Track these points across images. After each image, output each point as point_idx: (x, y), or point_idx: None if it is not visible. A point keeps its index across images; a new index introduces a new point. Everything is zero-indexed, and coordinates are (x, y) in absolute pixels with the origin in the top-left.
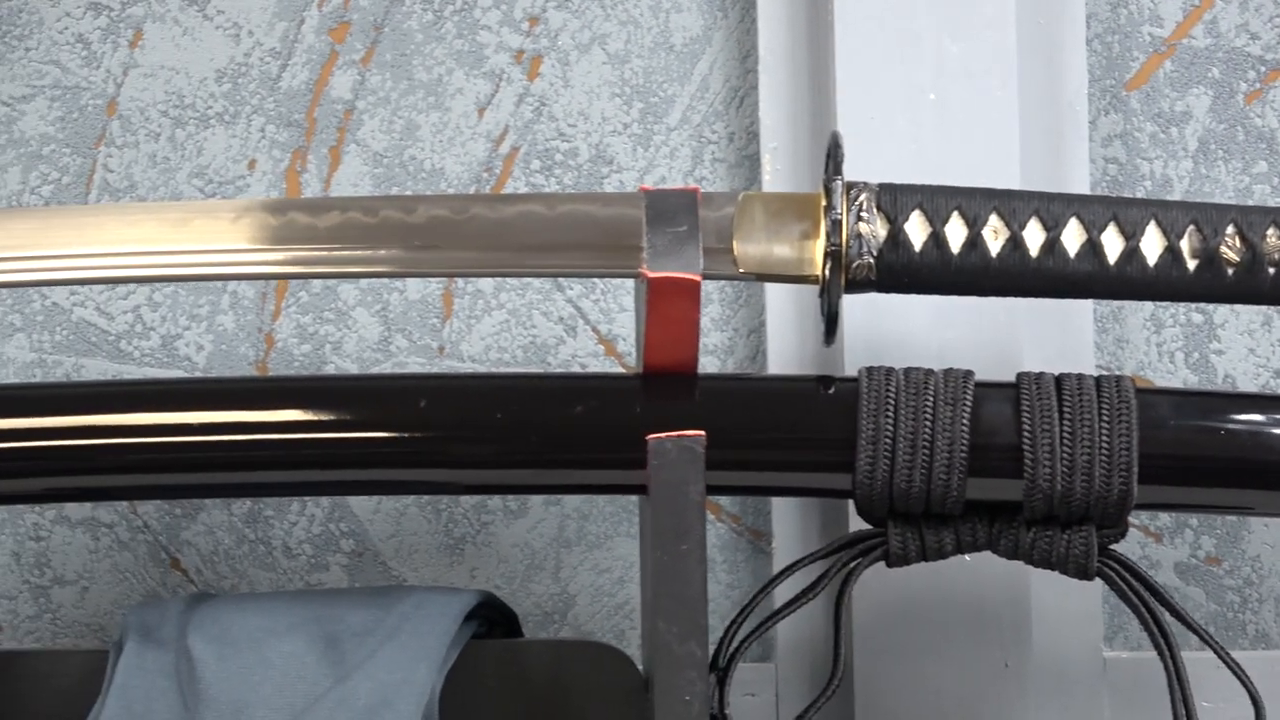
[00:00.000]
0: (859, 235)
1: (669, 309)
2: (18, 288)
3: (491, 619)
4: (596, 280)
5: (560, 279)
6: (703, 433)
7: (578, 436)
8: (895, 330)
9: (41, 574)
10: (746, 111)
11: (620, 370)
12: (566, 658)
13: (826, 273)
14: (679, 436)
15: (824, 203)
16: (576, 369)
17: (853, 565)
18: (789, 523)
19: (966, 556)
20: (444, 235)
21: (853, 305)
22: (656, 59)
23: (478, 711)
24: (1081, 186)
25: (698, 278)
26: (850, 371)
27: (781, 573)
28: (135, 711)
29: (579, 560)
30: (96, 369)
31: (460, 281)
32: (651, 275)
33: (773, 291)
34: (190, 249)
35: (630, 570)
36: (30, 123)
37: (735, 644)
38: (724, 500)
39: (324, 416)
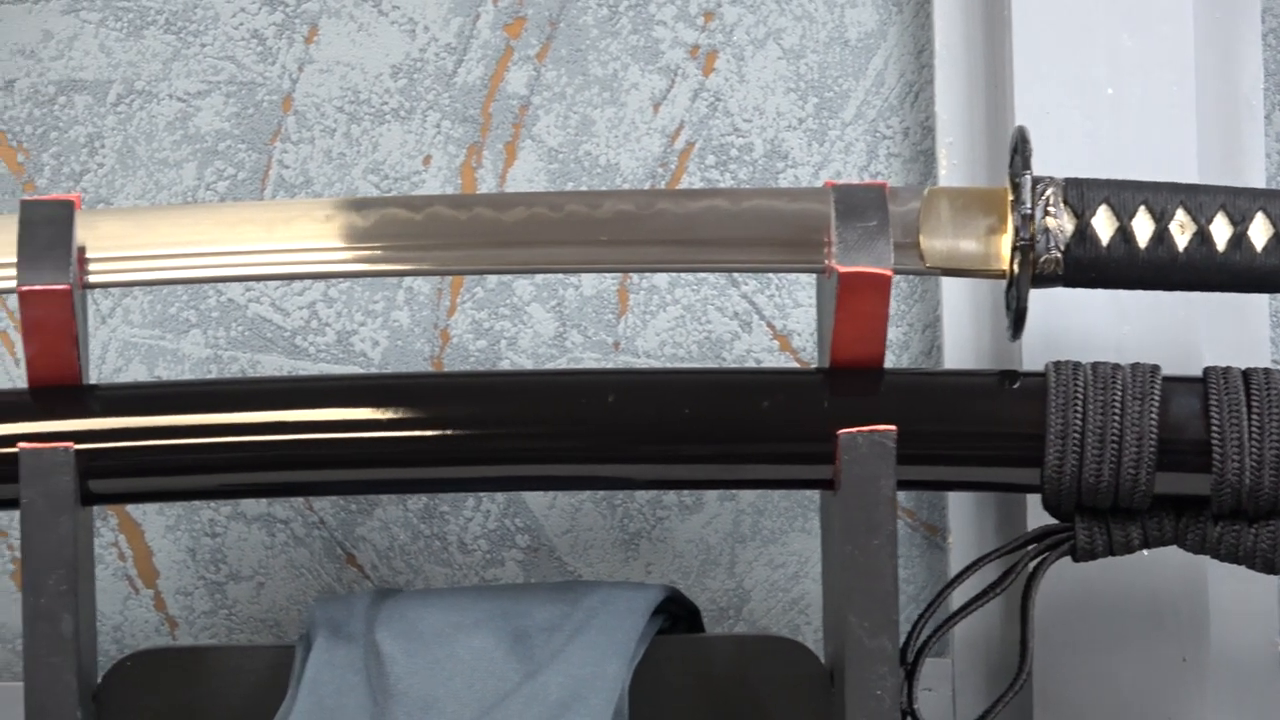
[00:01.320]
0: (1046, 230)
1: (859, 304)
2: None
3: (675, 614)
4: (771, 275)
5: (736, 274)
6: (894, 427)
7: (765, 431)
8: (1073, 325)
9: (217, 570)
10: (921, 106)
11: (796, 365)
12: (750, 652)
13: (1015, 267)
14: (870, 431)
15: (1011, 197)
16: (751, 364)
17: (1040, 560)
18: (965, 518)
19: (1145, 551)
20: (629, 230)
21: (1029, 300)
22: (831, 54)
23: (663, 706)
24: (1257, 180)
25: (889, 273)
26: (1027, 366)
27: (970, 566)
28: (326, 706)
29: (754, 555)
30: (272, 365)
31: (635, 277)
32: (843, 270)
33: (948, 286)
34: (370, 245)
35: (805, 565)
36: (206, 118)
37: (922, 639)
38: (900, 495)
39: (506, 412)
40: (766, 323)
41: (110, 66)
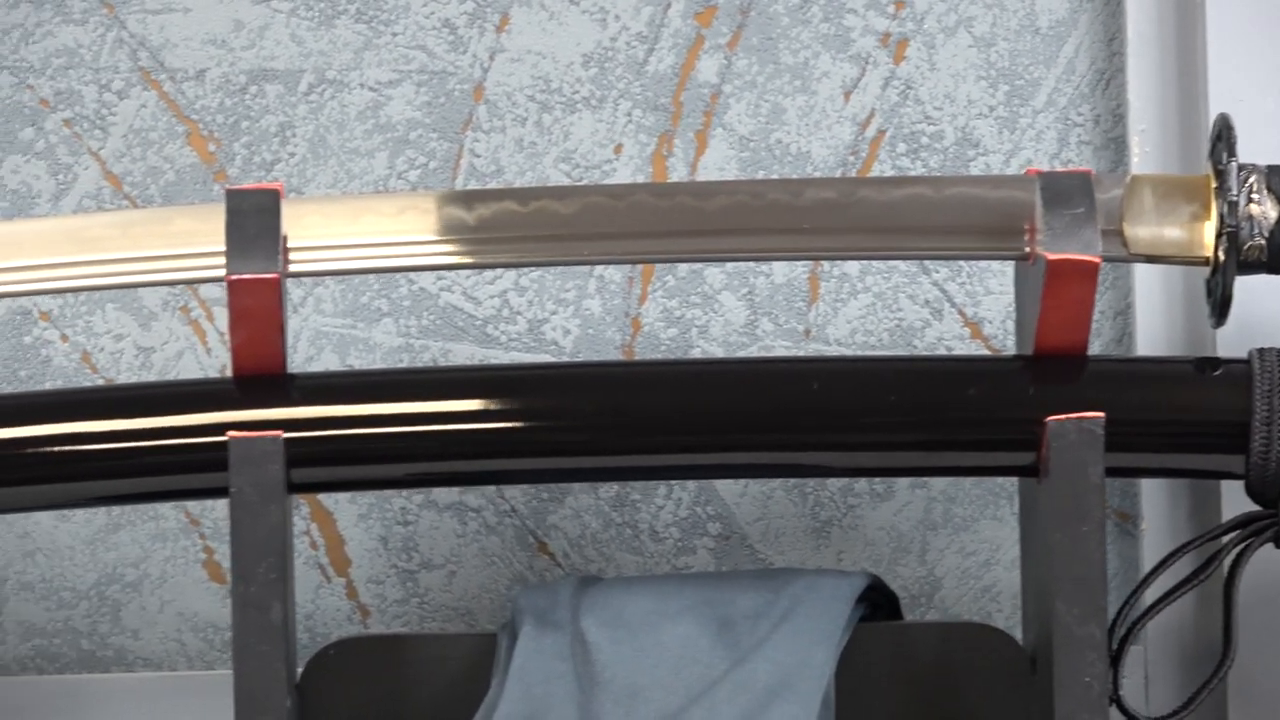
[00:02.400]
0: (1250, 217)
1: (1066, 291)
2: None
3: (875, 601)
4: (963, 263)
5: (927, 262)
6: (1102, 414)
7: (969, 418)
8: (1265, 311)
9: (409, 558)
10: (1113, 94)
11: (987, 353)
12: (951, 639)
13: (1220, 254)
14: (1079, 418)
15: (1214, 184)
16: (942, 352)
17: (1244, 546)
18: (1158, 505)
19: None
20: (831, 218)
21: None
22: (1022, 41)
23: (866, 693)
24: None
25: (1097, 259)
26: (1221, 353)
27: (1175, 552)
28: (534, 694)
29: (945, 543)
30: (464, 354)
31: (827, 264)
32: (1051, 257)
33: (1140, 273)
34: (570, 233)
35: (997, 553)
36: (397, 108)
37: (1126, 626)
38: None
39: (704, 400)
40: (958, 310)
41: (301, 56)
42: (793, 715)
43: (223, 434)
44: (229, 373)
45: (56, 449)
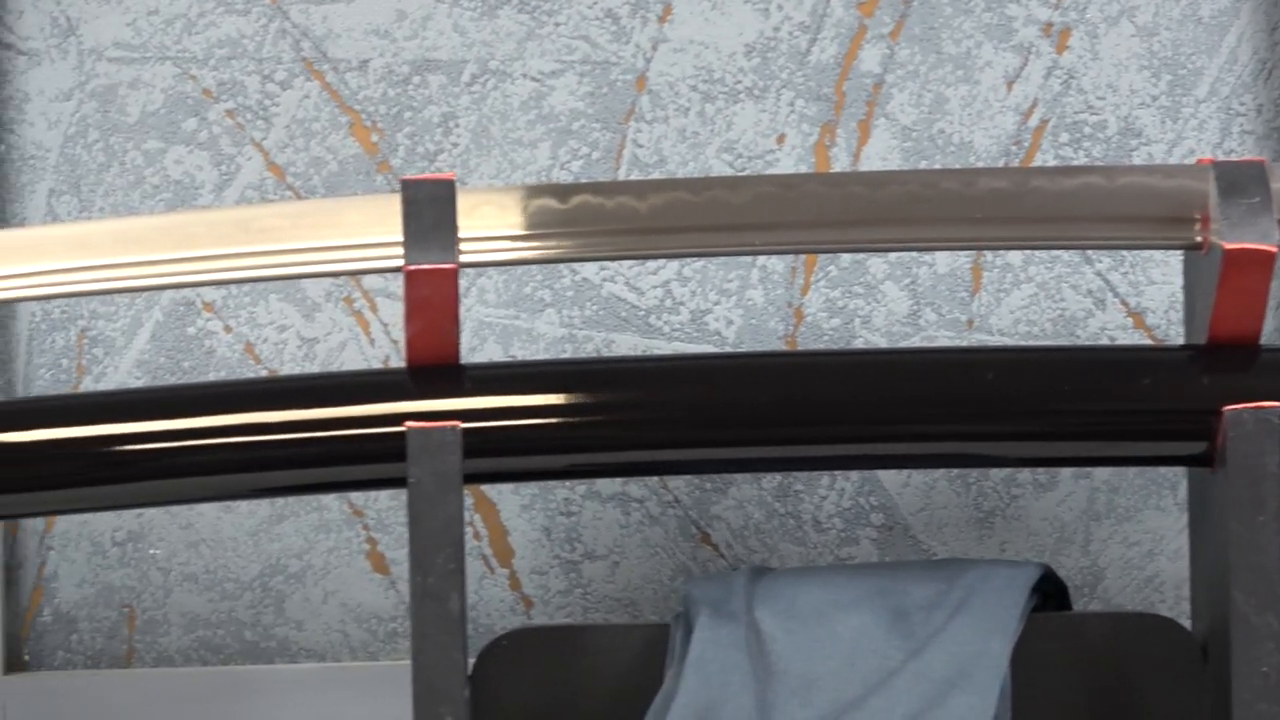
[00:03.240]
0: None
1: (1241, 280)
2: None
3: (1045, 591)
4: (1126, 253)
5: (1090, 251)
6: (1278, 404)
7: (1142, 408)
8: None
9: (572, 549)
10: (1275, 83)
11: (1150, 342)
12: (1123, 629)
13: None
14: (1256, 408)
15: None
16: (1105, 342)
17: None
18: None
19: None
20: (1003, 207)
21: None
22: (1185, 31)
23: (1040, 682)
24: None
25: (1275, 249)
26: None
27: None
28: (712, 685)
29: (1108, 533)
30: (626, 344)
31: (990, 254)
32: (1228, 247)
33: None
34: (741, 222)
35: (1160, 543)
36: (560, 98)
37: None
38: None
39: (874, 390)
40: (1120, 300)
41: (464, 46)
42: (971, 706)
43: (398, 425)
44: (391, 363)
45: (232, 440)
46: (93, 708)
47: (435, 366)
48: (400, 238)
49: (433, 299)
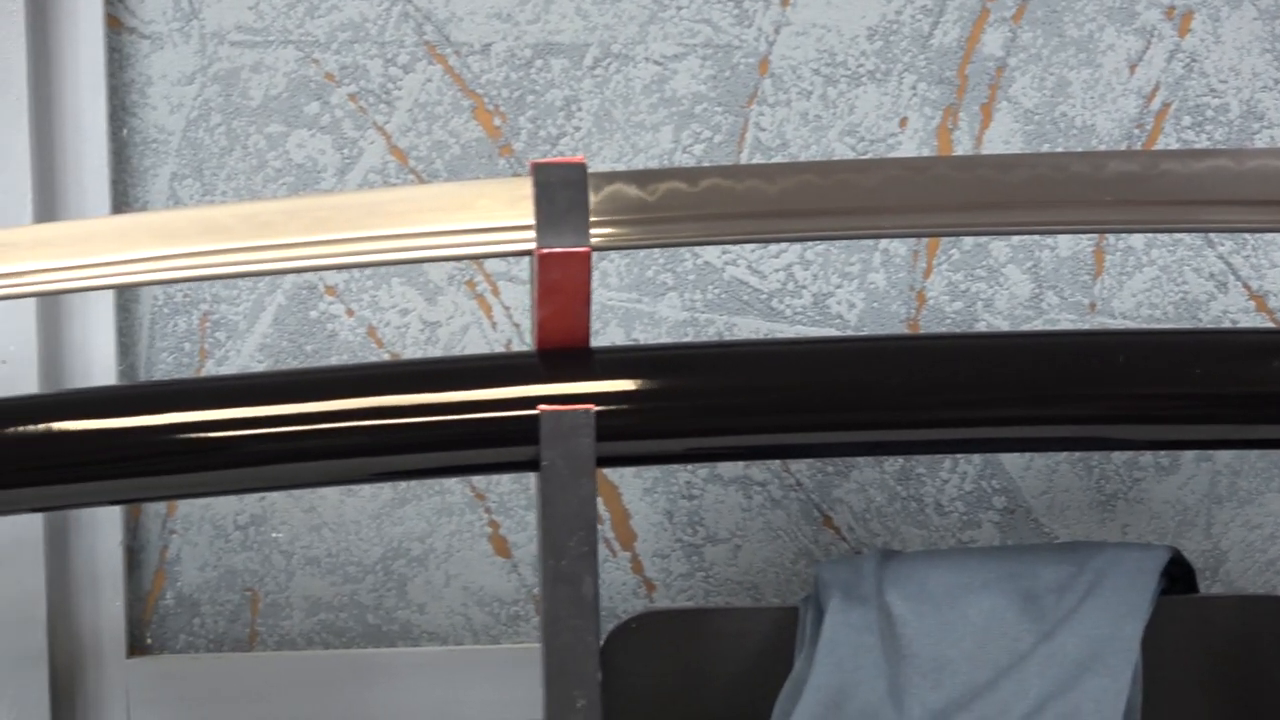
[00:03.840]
0: None
1: None
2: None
3: (1172, 574)
4: (1248, 236)
5: (1212, 235)
6: None
7: (1271, 391)
8: None
9: (694, 532)
10: None
11: (1272, 325)
12: (1252, 612)
13: None
14: None
15: None
16: (1227, 325)
17: None
18: None
19: None
20: (1132, 190)
21: None
22: None
23: (1169, 665)
24: None
25: None
26: None
27: None
28: (844, 668)
29: (1230, 516)
30: (748, 328)
31: (1112, 238)
32: None
33: None
34: (871, 205)
35: None
36: (682, 81)
37: None
38: None
39: (993, 372)
40: (1243, 283)
41: (587, 30)
42: (1104, 688)
43: (530, 408)
44: (513, 347)
45: (360, 424)
46: (215, 691)
47: (566, 350)
48: (531, 221)
49: (564, 283)
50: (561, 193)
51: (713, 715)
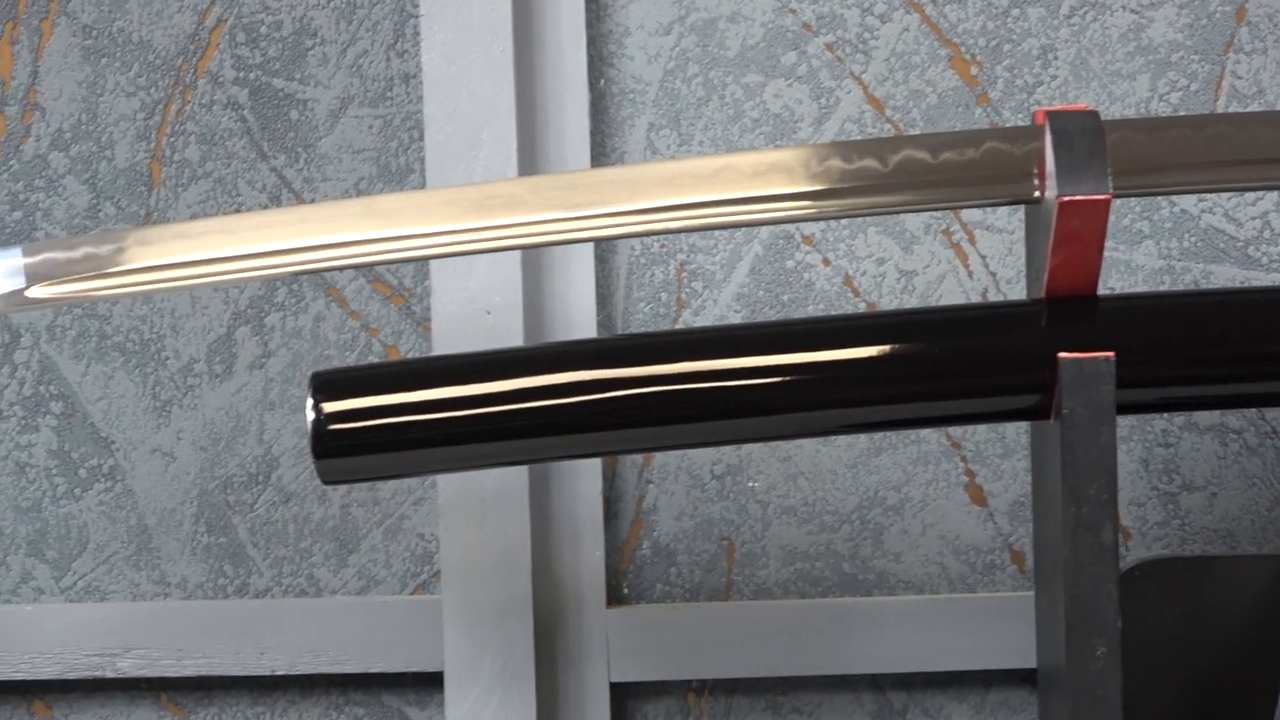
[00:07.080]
0: None
1: None
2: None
3: None
4: None
5: None
6: None
7: None
8: None
9: (1169, 480)
10: None
11: None
12: None
13: None
14: None
15: None
16: None
17: None
18: None
19: None
20: None
21: None
22: None
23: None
24: None
25: None
26: None
27: None
28: None
29: None
30: (1224, 276)
31: None
32: None
33: None
34: None
35: None
36: (1159, 30)
37: None
38: None
39: None
40: None
41: None
42: None
43: (1044, 355)
44: (989, 296)
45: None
46: (692, 640)
47: (1077, 297)
48: (1050, 169)
49: (1082, 230)
50: (1080, 140)
51: (1220, 662)
